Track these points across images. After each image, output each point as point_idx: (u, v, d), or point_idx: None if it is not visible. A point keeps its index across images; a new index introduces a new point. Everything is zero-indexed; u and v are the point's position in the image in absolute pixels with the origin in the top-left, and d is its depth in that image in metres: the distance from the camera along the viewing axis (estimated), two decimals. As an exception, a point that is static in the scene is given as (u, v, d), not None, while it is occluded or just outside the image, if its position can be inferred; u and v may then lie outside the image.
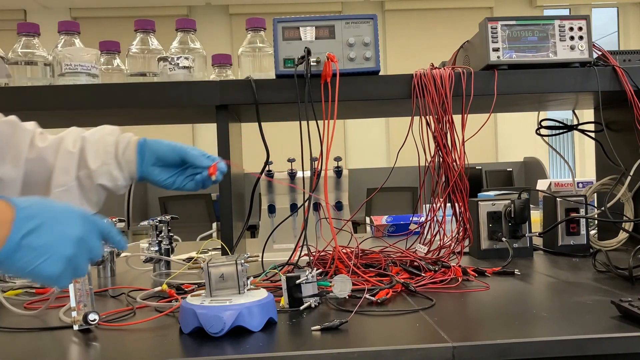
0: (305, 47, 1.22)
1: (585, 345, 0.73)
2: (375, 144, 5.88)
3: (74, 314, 0.83)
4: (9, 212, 0.61)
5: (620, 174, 1.39)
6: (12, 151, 0.88)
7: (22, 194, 0.89)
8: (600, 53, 1.35)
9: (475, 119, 1.31)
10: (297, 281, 0.91)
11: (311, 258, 1.17)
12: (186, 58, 1.36)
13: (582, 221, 1.39)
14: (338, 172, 1.51)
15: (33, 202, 0.64)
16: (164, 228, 1.33)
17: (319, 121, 1.19)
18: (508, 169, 5.42)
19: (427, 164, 1.27)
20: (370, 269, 1.15)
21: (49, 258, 0.62)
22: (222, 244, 1.18)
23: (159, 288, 1.02)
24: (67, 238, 0.64)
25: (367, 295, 0.93)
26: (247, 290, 0.86)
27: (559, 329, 0.78)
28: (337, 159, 1.50)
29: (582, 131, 1.56)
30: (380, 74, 1.28)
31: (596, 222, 1.60)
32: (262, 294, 0.85)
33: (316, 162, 1.19)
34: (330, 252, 1.17)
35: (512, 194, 1.61)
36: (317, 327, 0.79)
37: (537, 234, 1.39)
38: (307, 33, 1.24)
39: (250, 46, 1.44)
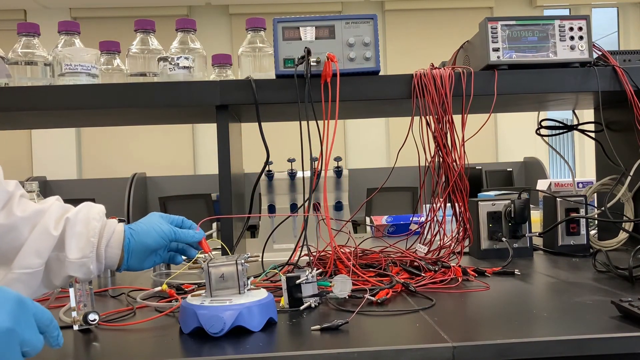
0: (305, 47, 1.22)
1: (585, 345, 0.73)
2: (375, 144, 5.87)
3: (74, 314, 0.83)
4: None
5: (620, 174, 1.38)
6: None
7: None
8: (600, 53, 1.35)
9: (475, 119, 1.31)
10: (297, 281, 0.91)
11: (311, 258, 1.17)
12: (186, 58, 1.36)
13: (582, 221, 1.39)
14: (338, 172, 1.51)
15: None
16: (164, 228, 1.33)
17: (319, 121, 1.19)
18: (508, 169, 5.41)
19: (427, 164, 1.27)
20: (370, 269, 1.15)
21: None
22: (222, 244, 1.18)
23: (159, 288, 1.02)
24: None
25: (367, 295, 0.93)
26: (247, 290, 0.86)
27: (559, 329, 0.78)
28: (337, 159, 1.50)
29: (582, 131, 1.56)
30: (380, 74, 1.28)
31: (596, 222, 1.60)
32: (262, 294, 0.85)
33: (316, 162, 1.18)
34: (330, 253, 1.17)
35: (512, 194, 1.61)
36: (317, 327, 0.79)
37: (537, 234, 1.39)
38: (307, 33, 1.24)
39: (250, 46, 1.44)
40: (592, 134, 1.56)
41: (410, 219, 1.61)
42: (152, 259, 0.92)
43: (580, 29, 1.29)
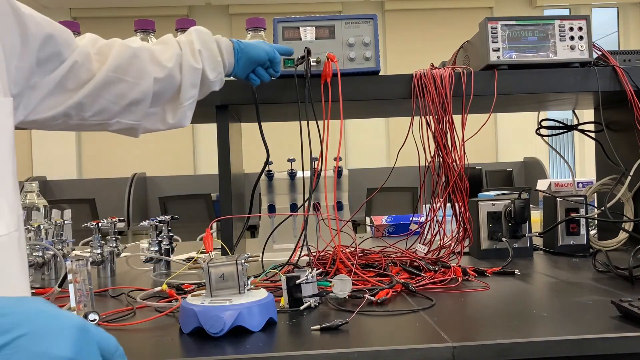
0: (305, 47, 1.22)
1: (585, 345, 0.73)
2: (375, 144, 5.87)
3: (74, 314, 0.83)
4: None
5: (620, 174, 1.38)
6: (141, 74, 0.95)
7: (149, 111, 0.99)
8: (600, 53, 1.35)
9: (475, 119, 1.31)
10: (297, 281, 0.91)
11: (311, 258, 1.17)
12: (186, 58, 1.36)
13: (582, 221, 1.39)
14: (338, 172, 1.51)
15: (13, 308, 0.47)
16: (164, 228, 1.33)
17: (319, 121, 1.19)
18: (508, 169, 5.42)
19: (427, 164, 1.27)
20: (370, 269, 1.15)
21: None
22: (222, 244, 1.18)
23: (159, 288, 1.01)
24: None
25: (367, 295, 0.93)
26: (247, 290, 0.86)
27: (559, 329, 0.78)
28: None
29: (582, 131, 1.56)
30: (380, 74, 1.28)
31: (596, 222, 1.60)
32: (262, 294, 0.85)
33: (316, 162, 1.18)
34: (330, 253, 1.17)
35: (512, 194, 1.61)
36: (317, 327, 0.79)
37: (537, 234, 1.39)
38: (307, 33, 1.24)
39: (250, 46, 1.43)
40: (592, 134, 1.56)
41: (410, 219, 1.61)
42: (253, 72, 1.14)
43: (580, 29, 1.29)
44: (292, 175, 1.49)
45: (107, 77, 0.90)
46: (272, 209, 1.52)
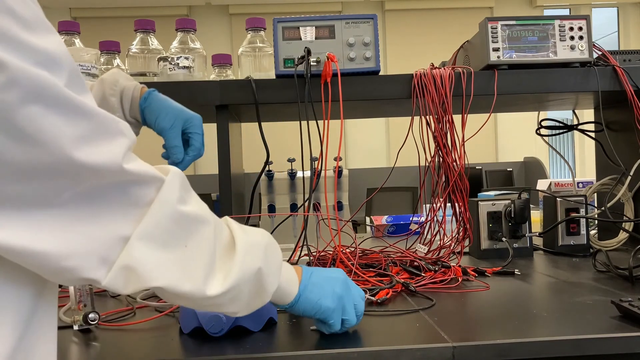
0: (305, 47, 1.22)
1: (585, 345, 0.73)
2: (375, 144, 5.87)
3: (74, 314, 0.83)
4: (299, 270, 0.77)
5: (620, 174, 1.38)
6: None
7: None
8: (600, 53, 1.35)
9: (475, 119, 1.31)
10: (297, 281, 0.91)
11: (311, 258, 1.17)
12: (186, 58, 1.36)
13: (582, 221, 1.39)
14: (338, 172, 1.51)
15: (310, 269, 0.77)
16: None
17: (319, 121, 1.19)
18: (508, 169, 5.41)
19: (427, 164, 1.27)
20: (370, 269, 1.15)
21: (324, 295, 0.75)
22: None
23: (159, 288, 1.01)
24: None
25: (367, 295, 0.93)
26: (247, 290, 0.85)
27: (559, 329, 0.78)
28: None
29: (582, 131, 1.56)
30: (380, 74, 1.28)
31: (596, 222, 1.60)
32: (262, 294, 0.85)
33: (316, 162, 1.18)
34: (330, 253, 1.17)
35: (512, 194, 1.61)
36: (314, 327, 0.79)
37: (537, 234, 1.39)
38: (307, 33, 1.24)
39: (250, 46, 1.44)
40: (592, 134, 1.56)
41: (410, 219, 1.61)
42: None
43: (580, 28, 1.29)
44: (292, 175, 1.49)
45: None
46: (272, 208, 1.52)
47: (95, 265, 0.53)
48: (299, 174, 1.50)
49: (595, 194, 1.54)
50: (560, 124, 1.55)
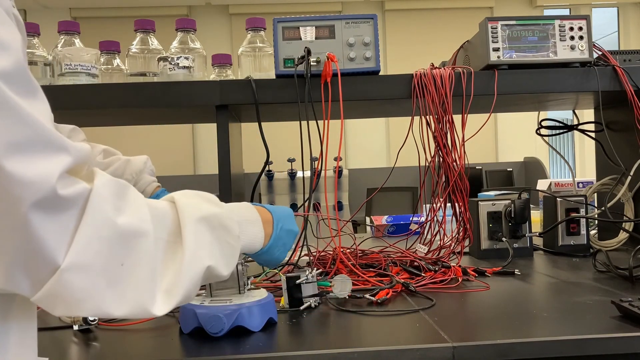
0: (305, 47, 1.22)
1: (585, 345, 0.73)
2: (375, 144, 5.87)
3: (74, 314, 0.83)
4: (270, 214, 0.81)
5: (621, 174, 1.38)
6: None
7: None
8: (600, 53, 1.34)
9: (475, 119, 1.31)
10: (297, 281, 0.91)
11: (311, 258, 1.17)
12: (186, 58, 1.36)
13: (582, 221, 1.39)
14: (338, 172, 1.51)
15: (275, 208, 0.84)
16: (164, 228, 1.33)
17: (319, 121, 1.18)
18: (508, 169, 5.41)
19: (427, 164, 1.27)
20: (371, 269, 1.15)
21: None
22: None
23: (159, 288, 1.01)
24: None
25: (367, 295, 0.93)
26: (247, 290, 0.86)
27: (559, 329, 0.78)
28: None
29: (582, 131, 1.56)
30: (380, 74, 1.28)
31: (596, 222, 1.60)
32: (262, 294, 0.85)
33: (316, 162, 1.18)
34: (330, 253, 1.17)
35: (512, 194, 1.61)
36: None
37: (537, 234, 1.39)
38: (307, 33, 1.24)
39: (250, 46, 1.43)
40: (592, 134, 1.56)
41: (410, 219, 1.61)
42: None
43: (580, 28, 1.29)
44: (292, 175, 1.49)
45: None
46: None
47: (20, 279, 0.48)
48: (299, 174, 1.50)
49: (596, 194, 1.54)
50: (560, 124, 1.55)
